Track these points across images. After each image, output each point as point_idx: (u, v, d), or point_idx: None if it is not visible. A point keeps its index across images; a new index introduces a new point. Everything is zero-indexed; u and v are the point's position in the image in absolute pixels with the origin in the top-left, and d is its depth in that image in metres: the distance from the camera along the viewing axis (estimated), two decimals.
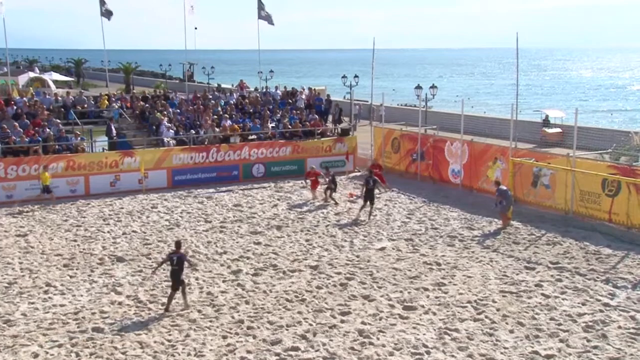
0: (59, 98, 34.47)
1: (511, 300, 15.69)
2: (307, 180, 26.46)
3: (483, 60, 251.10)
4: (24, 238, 21.17)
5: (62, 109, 31.59)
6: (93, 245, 20.35)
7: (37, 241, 20.85)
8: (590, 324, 14.34)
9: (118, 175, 27.70)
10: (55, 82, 63.33)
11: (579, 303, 15.48)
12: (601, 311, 15.01)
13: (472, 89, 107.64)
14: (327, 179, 25.80)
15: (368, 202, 22.85)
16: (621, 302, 15.57)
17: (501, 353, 13.01)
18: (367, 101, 49.28)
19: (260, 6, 44.48)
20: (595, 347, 13.30)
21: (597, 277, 17.19)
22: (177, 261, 15.14)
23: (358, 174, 30.59)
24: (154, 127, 30.48)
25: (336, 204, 25.09)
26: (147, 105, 33.26)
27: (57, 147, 27.49)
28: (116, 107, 32.63)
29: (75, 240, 20.91)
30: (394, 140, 31.00)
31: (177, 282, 15.14)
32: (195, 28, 59.23)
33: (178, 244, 15.86)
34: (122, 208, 24.97)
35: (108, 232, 21.86)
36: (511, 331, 14.01)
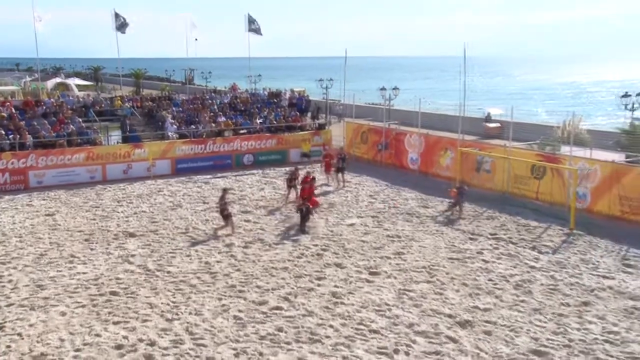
0: (81, 99, 34.32)
1: (457, 265, 15.91)
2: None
3: (438, 66, 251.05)
4: (52, 217, 21.05)
5: (83, 109, 31.33)
6: (109, 223, 20.28)
7: (62, 219, 20.74)
8: (519, 282, 14.61)
9: (130, 164, 27.55)
10: (78, 86, 62.43)
11: (511, 266, 15.75)
12: (528, 272, 15.30)
13: (428, 90, 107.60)
14: (337, 159, 25.46)
15: (339, 175, 25.06)
16: (544, 264, 15.89)
17: (449, 308, 13.20)
18: (340, 100, 49.18)
19: (250, 20, 44.41)
20: (522, 301, 13.57)
21: (526, 245, 17.48)
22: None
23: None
24: (160, 123, 30.33)
25: (343, 184, 24.99)
26: (154, 104, 33.10)
27: (79, 140, 27.35)
28: (128, 106, 32.40)
29: (94, 219, 20.82)
30: (362, 133, 31.11)
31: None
32: (196, 39, 58.77)
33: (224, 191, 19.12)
34: (133, 192, 24.85)
35: (121, 212, 21.77)
36: (457, 290, 14.21)
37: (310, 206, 19.45)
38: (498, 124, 40.30)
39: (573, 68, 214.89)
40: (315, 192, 20.84)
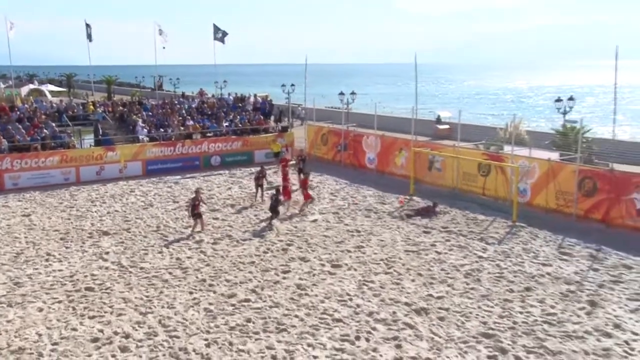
0: (54, 105, 33.52)
1: (413, 257, 16.06)
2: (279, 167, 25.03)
3: (392, 72, 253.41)
4: (28, 217, 20.49)
5: (57, 114, 30.57)
6: (84, 222, 19.82)
7: (38, 220, 20.20)
8: (469, 272, 14.86)
9: (103, 166, 26.98)
10: (51, 92, 60.93)
11: (461, 257, 15.99)
12: (477, 262, 15.56)
13: (383, 95, 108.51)
14: (298, 160, 25.49)
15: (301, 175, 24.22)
16: (491, 254, 16.18)
17: (405, 297, 13.33)
18: (302, 104, 49.14)
19: (216, 29, 44.05)
20: (472, 288, 13.81)
21: (474, 237, 17.76)
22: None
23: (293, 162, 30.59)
24: (131, 127, 29.76)
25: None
26: (125, 109, 32.43)
27: (52, 144, 26.66)
28: (100, 111, 31.69)
29: (69, 219, 20.33)
30: (322, 135, 31.11)
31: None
32: (164, 47, 57.82)
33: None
34: (107, 192, 24.33)
35: (95, 211, 21.31)
36: (413, 280, 14.36)
37: (283, 198, 19.46)
38: (448, 126, 40.79)
39: (519, 74, 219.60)
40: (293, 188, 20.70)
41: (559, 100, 31.20)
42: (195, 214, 18.42)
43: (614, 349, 10.88)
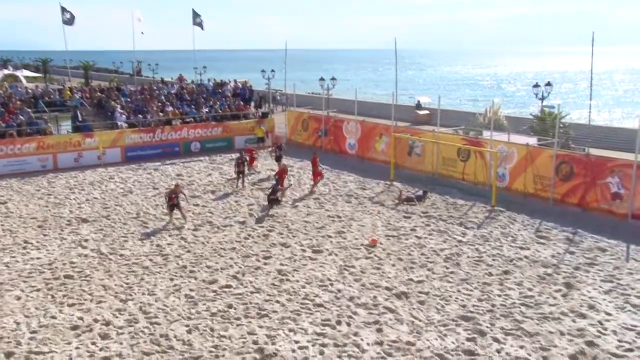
0: (29, 90, 32.85)
1: (393, 242, 16.15)
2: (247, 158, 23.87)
3: (372, 58, 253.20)
4: (4, 205, 20.13)
5: (32, 100, 29.98)
6: (62, 210, 19.55)
7: (15, 207, 19.86)
8: (448, 256, 15.00)
9: (81, 153, 26.61)
10: (26, 77, 59.69)
11: (441, 241, 16.13)
12: (456, 246, 15.71)
13: (363, 81, 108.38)
14: (274, 147, 25.27)
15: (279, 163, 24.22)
16: (470, 239, 16.34)
17: (386, 281, 13.43)
18: (282, 90, 48.87)
19: (195, 15, 43.54)
20: (452, 272, 13.95)
21: (454, 222, 17.91)
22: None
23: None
24: (109, 113, 29.32)
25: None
26: (103, 95, 31.94)
27: (28, 130, 26.16)
28: (77, 97, 31.19)
29: (47, 206, 20.03)
30: (303, 121, 31.00)
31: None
32: (142, 33, 56.96)
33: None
34: (85, 179, 24.00)
35: (74, 199, 21.02)
36: (393, 265, 14.45)
37: (281, 187, 19.47)
38: (427, 111, 40.92)
39: (499, 61, 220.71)
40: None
41: (536, 85, 31.46)
42: (170, 206, 18.02)
43: (588, 329, 11.11)
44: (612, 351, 10.37)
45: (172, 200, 17.94)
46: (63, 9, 39.67)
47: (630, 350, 10.41)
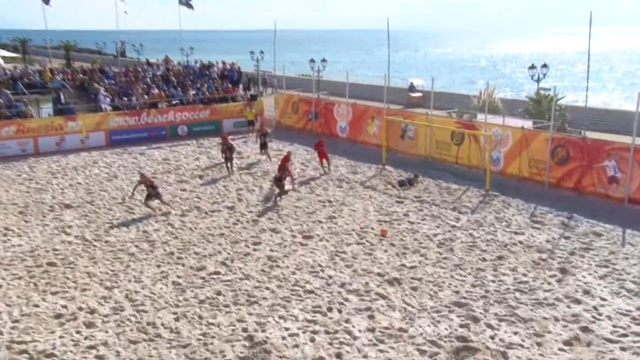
0: (7, 71, 32.31)
1: (385, 227, 16.11)
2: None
3: (362, 39, 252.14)
4: None
5: (11, 81, 29.53)
6: (44, 195, 19.39)
7: None
8: (442, 241, 15.04)
9: (63, 136, 26.34)
10: (4, 57, 58.84)
11: (434, 226, 16.16)
12: (450, 231, 15.74)
13: (355, 62, 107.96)
14: (260, 134, 24.72)
15: (264, 150, 24.20)
16: (463, 224, 16.39)
17: (378, 267, 13.44)
18: (271, 72, 48.58)
19: None
20: (445, 258, 13.99)
21: (447, 206, 17.94)
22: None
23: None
24: (93, 95, 29.02)
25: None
26: (86, 77, 31.62)
27: (7, 113, 25.82)
28: (59, 79, 30.81)
29: (28, 192, 19.85)
30: (293, 103, 30.85)
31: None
32: (125, 12, 56.45)
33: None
34: (68, 164, 23.80)
35: (56, 184, 20.84)
36: (385, 250, 14.47)
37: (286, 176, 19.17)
38: (420, 94, 40.85)
39: (495, 42, 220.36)
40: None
41: (532, 67, 31.46)
42: (147, 196, 17.48)
43: (582, 315, 11.20)
44: (607, 337, 10.47)
45: (154, 191, 17.46)
46: None
47: (625, 335, 10.52)
